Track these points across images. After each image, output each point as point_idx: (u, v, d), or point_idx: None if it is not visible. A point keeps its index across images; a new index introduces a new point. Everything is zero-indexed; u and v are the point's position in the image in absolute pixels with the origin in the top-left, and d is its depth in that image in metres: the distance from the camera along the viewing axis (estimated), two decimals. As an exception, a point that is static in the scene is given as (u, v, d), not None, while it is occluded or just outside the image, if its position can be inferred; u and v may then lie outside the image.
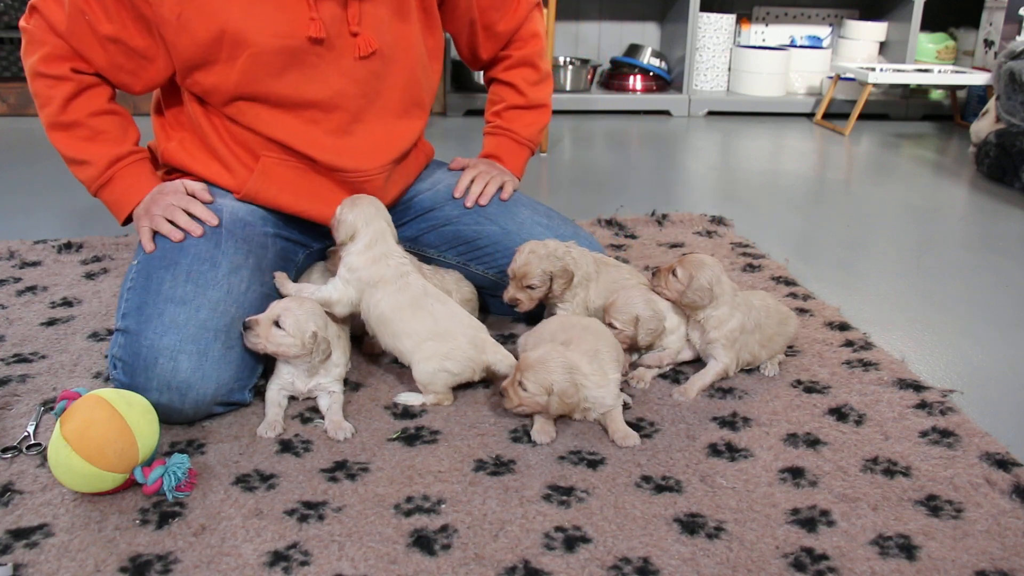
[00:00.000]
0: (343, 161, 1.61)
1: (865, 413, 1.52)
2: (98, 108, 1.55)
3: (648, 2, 4.69)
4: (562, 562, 1.13)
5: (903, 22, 4.45)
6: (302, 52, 1.51)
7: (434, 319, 1.51)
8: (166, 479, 1.22)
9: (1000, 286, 2.21)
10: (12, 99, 3.84)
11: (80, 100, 1.53)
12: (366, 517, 1.21)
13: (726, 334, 1.58)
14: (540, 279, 1.63)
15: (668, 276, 1.60)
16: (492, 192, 1.80)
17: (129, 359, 1.40)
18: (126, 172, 1.58)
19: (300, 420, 1.46)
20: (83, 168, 1.57)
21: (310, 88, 1.54)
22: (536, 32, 1.88)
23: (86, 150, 1.55)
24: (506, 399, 1.41)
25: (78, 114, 1.54)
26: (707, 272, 1.57)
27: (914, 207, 2.95)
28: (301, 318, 1.41)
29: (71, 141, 1.55)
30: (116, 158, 1.57)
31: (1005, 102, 3.33)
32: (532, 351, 1.43)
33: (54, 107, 1.53)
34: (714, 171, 3.43)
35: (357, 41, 1.54)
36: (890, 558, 1.16)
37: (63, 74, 1.51)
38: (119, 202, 1.59)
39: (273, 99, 1.54)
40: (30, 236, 2.29)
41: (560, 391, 1.38)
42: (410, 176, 1.79)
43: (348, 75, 1.56)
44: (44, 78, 1.52)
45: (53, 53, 1.50)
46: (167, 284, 1.45)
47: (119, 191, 1.59)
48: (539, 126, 1.93)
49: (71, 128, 1.54)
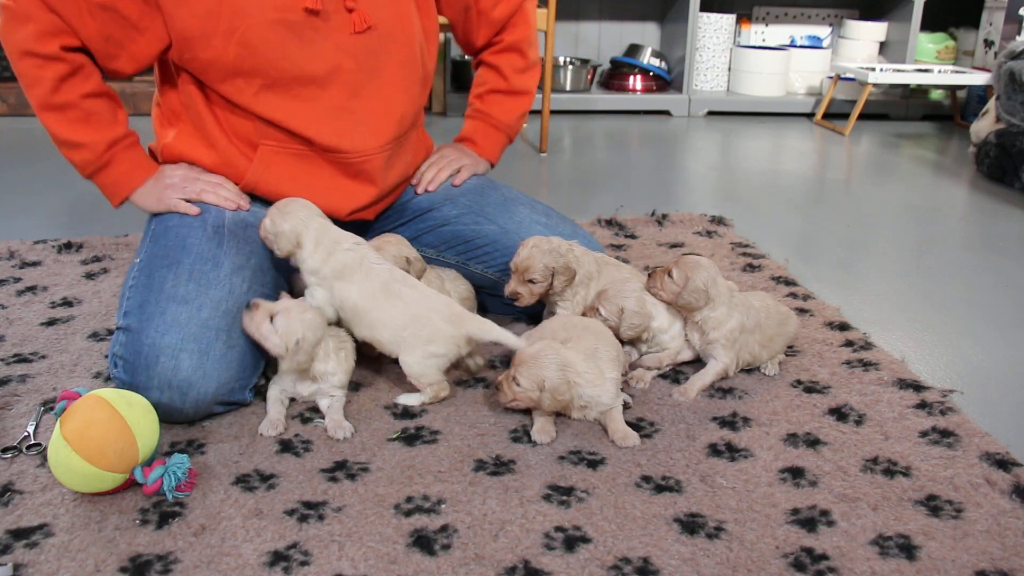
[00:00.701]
0: (342, 141, 1.60)
1: (865, 413, 1.52)
2: (90, 90, 1.51)
3: (648, 2, 4.69)
4: (562, 562, 1.13)
5: (903, 22, 4.45)
6: (299, 25, 1.50)
7: (405, 303, 1.50)
8: (166, 479, 1.22)
9: (1000, 286, 2.21)
10: (12, 99, 3.84)
11: (72, 81, 1.48)
12: (366, 517, 1.21)
13: (726, 334, 1.57)
14: (542, 273, 1.63)
15: (664, 277, 1.60)
16: (443, 178, 1.82)
17: (130, 357, 1.40)
18: (124, 155, 1.57)
19: (300, 420, 1.46)
20: (77, 150, 1.54)
21: (308, 63, 1.53)
22: (528, 20, 1.87)
23: (81, 132, 1.52)
24: (500, 393, 1.43)
25: (70, 95, 1.49)
26: (703, 273, 1.57)
27: (914, 207, 2.95)
28: (294, 323, 1.40)
29: (64, 123, 1.51)
30: (113, 140, 1.54)
31: (1005, 102, 3.33)
32: (529, 347, 1.44)
33: (45, 88, 1.47)
34: (714, 171, 3.43)
35: (352, 17, 1.54)
36: (890, 558, 1.16)
37: (53, 53, 1.45)
38: (117, 184, 1.58)
39: (272, 75, 1.52)
40: (30, 236, 2.29)
41: (552, 387, 1.38)
42: (410, 165, 1.79)
43: (345, 50, 1.55)
44: (33, 57, 1.45)
45: (41, 29, 1.43)
46: (169, 283, 1.45)
47: (117, 174, 1.57)
48: (518, 112, 1.92)
49: (64, 109, 1.50)
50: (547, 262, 1.62)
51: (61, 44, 1.45)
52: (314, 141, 1.58)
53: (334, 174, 1.63)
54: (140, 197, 1.60)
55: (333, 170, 1.63)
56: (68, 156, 1.56)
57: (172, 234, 1.53)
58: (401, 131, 1.68)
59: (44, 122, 1.52)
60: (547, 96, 3.43)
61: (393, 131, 1.66)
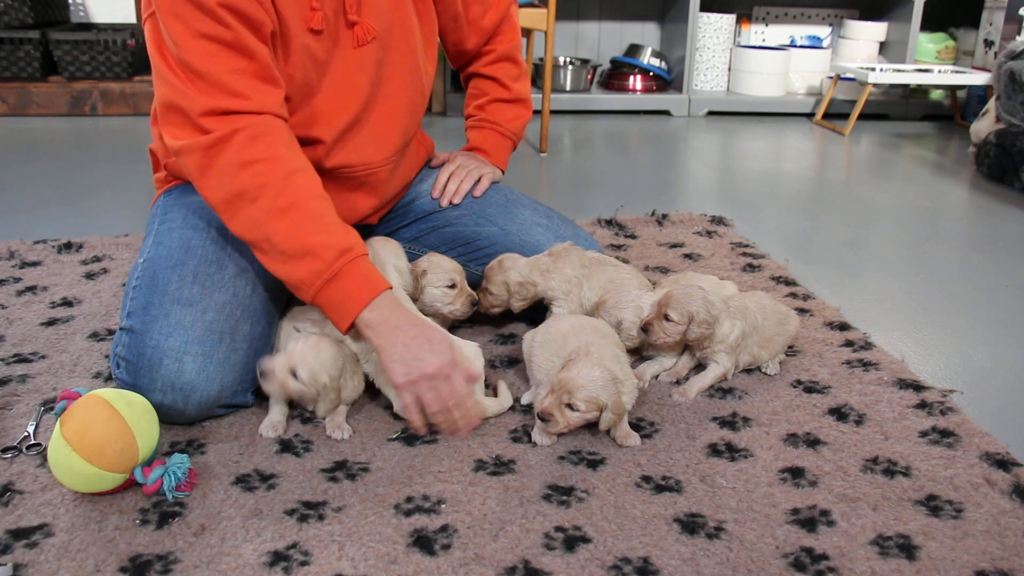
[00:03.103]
0: (350, 156, 1.59)
1: (865, 413, 1.52)
2: (316, 190, 1.38)
3: (648, 2, 4.69)
4: (562, 562, 1.13)
5: (903, 22, 4.45)
6: (308, 46, 1.46)
7: None
8: (166, 479, 1.22)
9: (1000, 286, 2.21)
10: (12, 99, 3.83)
11: (298, 177, 1.36)
12: (366, 517, 1.21)
13: (730, 344, 1.57)
14: (497, 287, 1.66)
15: (662, 323, 1.56)
16: (466, 189, 1.80)
17: (133, 359, 1.39)
18: (354, 266, 1.36)
19: (300, 420, 1.46)
20: (305, 262, 1.34)
21: (320, 82, 1.50)
22: (515, 25, 1.87)
23: (310, 240, 1.33)
24: (551, 423, 1.37)
25: (297, 195, 1.35)
26: (699, 303, 1.54)
27: (914, 207, 2.95)
28: (316, 369, 1.37)
29: (292, 230, 1.34)
30: (345, 249, 1.35)
31: (1005, 102, 3.33)
32: (570, 370, 1.38)
33: (271, 191, 1.33)
34: (714, 171, 3.43)
35: (356, 31, 1.51)
36: (890, 558, 1.16)
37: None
38: (346, 302, 1.35)
39: (293, 99, 1.48)
40: (30, 236, 2.29)
41: (614, 405, 1.37)
42: (411, 170, 1.79)
43: (354, 64, 1.53)
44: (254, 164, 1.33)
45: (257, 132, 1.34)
46: (174, 285, 1.44)
47: (348, 288, 1.35)
48: (523, 120, 1.92)
49: (288, 212, 1.34)
50: (503, 279, 1.64)
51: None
52: (324, 163, 1.54)
53: (338, 189, 1.60)
54: (382, 316, 1.35)
55: (338, 186, 1.60)
56: (291, 273, 1.36)
57: (176, 235, 1.52)
58: (406, 140, 1.68)
59: (271, 233, 1.35)
60: (547, 96, 3.43)
61: (399, 142, 1.65)
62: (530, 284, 1.67)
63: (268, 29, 1.38)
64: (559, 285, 1.68)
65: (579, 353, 1.43)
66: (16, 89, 3.83)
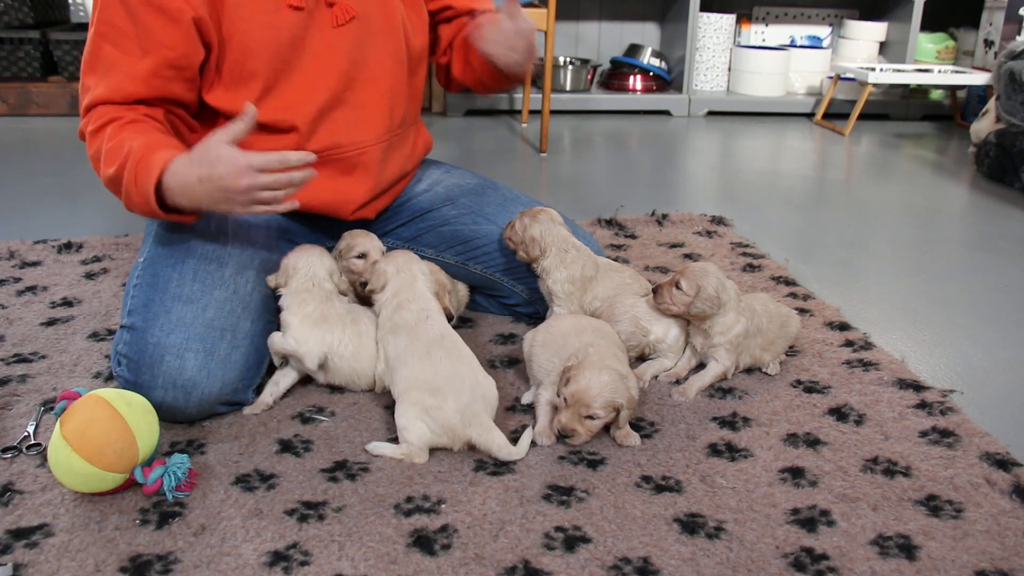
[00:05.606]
0: (338, 137, 1.59)
1: (865, 413, 1.52)
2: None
3: (648, 2, 4.69)
4: (562, 562, 1.13)
5: (903, 22, 4.45)
6: (287, 25, 1.49)
7: (435, 370, 1.37)
8: (166, 479, 1.22)
9: (1000, 286, 2.21)
10: (12, 99, 3.84)
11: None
12: (366, 517, 1.21)
13: (731, 339, 1.57)
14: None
15: (672, 290, 1.58)
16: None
17: (135, 356, 1.39)
18: (143, 161, 1.36)
19: (300, 420, 1.46)
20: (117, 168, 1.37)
21: (301, 62, 1.52)
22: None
23: (117, 152, 1.37)
24: (574, 437, 1.37)
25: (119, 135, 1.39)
26: (713, 280, 1.56)
27: (914, 207, 2.95)
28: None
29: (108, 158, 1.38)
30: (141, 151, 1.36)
31: (1005, 102, 3.33)
32: (579, 382, 1.36)
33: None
34: (714, 171, 3.43)
35: (334, 11, 1.53)
36: (890, 558, 1.16)
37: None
38: (150, 168, 1.34)
39: (270, 79, 1.50)
40: (30, 236, 2.29)
41: (628, 402, 1.37)
42: (408, 160, 1.78)
43: (333, 45, 1.54)
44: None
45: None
46: (174, 282, 1.44)
47: (141, 182, 1.36)
48: None
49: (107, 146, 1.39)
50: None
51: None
52: (307, 146, 1.55)
53: (332, 175, 1.62)
54: (178, 180, 1.33)
55: (331, 171, 1.62)
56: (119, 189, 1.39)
57: (176, 234, 1.53)
58: (394, 121, 1.67)
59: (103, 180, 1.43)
60: (547, 96, 3.43)
61: (386, 121, 1.65)
62: (539, 244, 1.67)
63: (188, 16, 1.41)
64: (561, 287, 1.67)
65: (579, 355, 1.43)
66: (16, 89, 3.83)
